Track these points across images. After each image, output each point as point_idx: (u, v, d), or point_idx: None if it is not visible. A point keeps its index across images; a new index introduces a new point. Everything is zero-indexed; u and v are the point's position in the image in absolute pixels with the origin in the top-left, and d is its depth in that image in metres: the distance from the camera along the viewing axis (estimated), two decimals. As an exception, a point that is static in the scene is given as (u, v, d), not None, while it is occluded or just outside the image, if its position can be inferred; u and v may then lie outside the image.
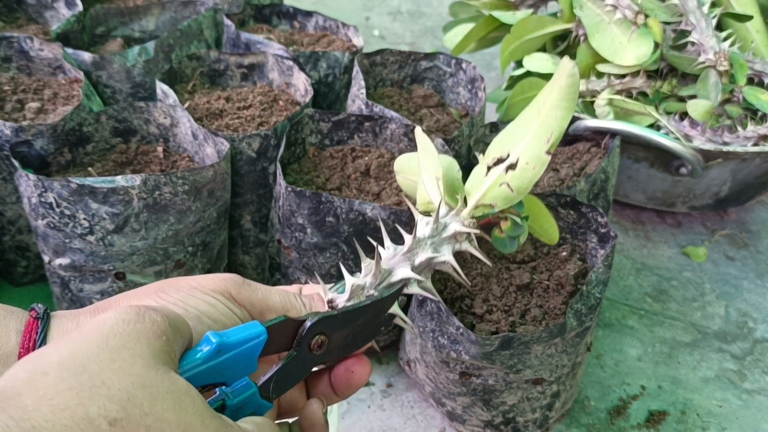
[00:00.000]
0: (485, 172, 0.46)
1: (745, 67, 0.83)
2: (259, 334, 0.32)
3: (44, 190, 0.57)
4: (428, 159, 0.49)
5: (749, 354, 0.78)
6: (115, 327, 0.28)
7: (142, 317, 0.29)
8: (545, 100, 0.45)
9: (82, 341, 0.27)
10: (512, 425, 0.62)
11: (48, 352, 0.27)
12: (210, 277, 0.36)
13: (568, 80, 0.44)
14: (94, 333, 0.27)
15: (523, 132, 0.45)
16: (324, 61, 0.83)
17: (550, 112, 0.44)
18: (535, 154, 0.44)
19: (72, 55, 0.76)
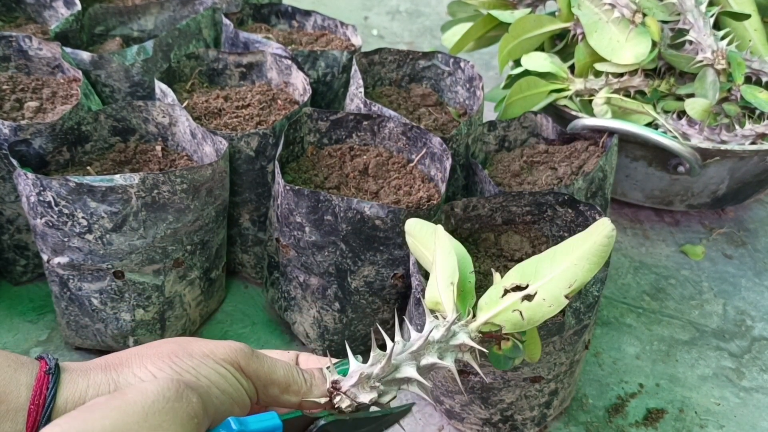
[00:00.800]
0: (501, 293, 0.47)
1: (742, 65, 0.84)
2: (276, 428, 0.34)
3: (43, 189, 0.57)
4: (446, 261, 0.49)
5: (747, 352, 0.78)
6: (156, 403, 0.30)
7: (180, 396, 0.31)
8: (578, 248, 0.46)
9: (125, 413, 0.29)
10: (510, 423, 0.63)
11: (92, 418, 0.28)
12: (221, 346, 0.37)
13: (604, 240, 0.46)
14: (136, 406, 0.29)
15: (549, 269, 0.46)
16: (322, 60, 0.83)
17: (579, 262, 0.45)
18: (554, 295, 0.45)
19: (71, 55, 0.76)
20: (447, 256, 0.49)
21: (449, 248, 0.50)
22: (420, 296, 0.58)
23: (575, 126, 0.78)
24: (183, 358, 0.35)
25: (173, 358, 0.35)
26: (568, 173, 0.73)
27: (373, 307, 0.67)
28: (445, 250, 0.50)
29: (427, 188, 0.67)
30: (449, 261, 0.49)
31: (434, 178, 0.68)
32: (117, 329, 0.65)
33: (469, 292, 0.50)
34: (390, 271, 0.64)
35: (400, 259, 0.64)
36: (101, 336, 0.66)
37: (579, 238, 0.47)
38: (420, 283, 0.57)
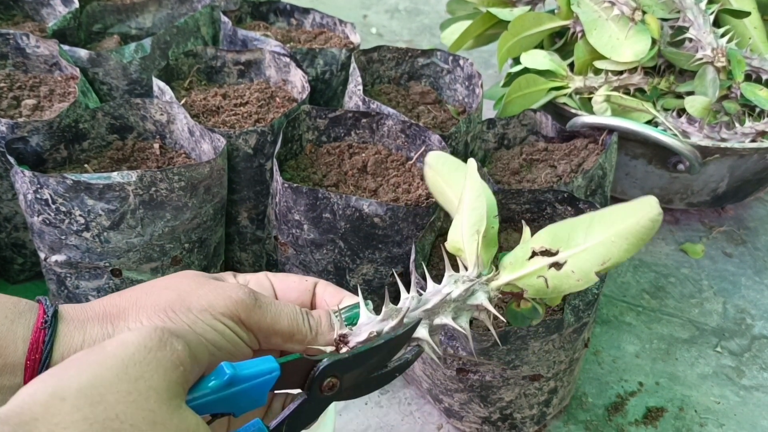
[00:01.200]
0: (529, 254, 0.44)
1: (742, 63, 0.83)
2: (272, 370, 0.32)
3: (40, 187, 0.57)
4: (475, 205, 0.45)
5: (747, 350, 0.78)
6: (136, 354, 0.28)
7: (163, 345, 0.29)
8: (618, 223, 0.42)
9: (103, 367, 0.27)
10: (509, 421, 0.62)
11: (68, 375, 0.27)
12: (222, 297, 0.35)
13: (647, 223, 0.42)
14: (115, 359, 0.28)
15: (583, 238, 0.43)
16: (321, 58, 0.83)
17: (617, 239, 0.42)
18: (584, 269, 0.42)
19: (68, 52, 0.76)
20: (476, 200, 0.45)
21: (479, 190, 0.46)
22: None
23: (575, 124, 0.78)
24: (179, 313, 0.34)
25: (169, 312, 0.34)
26: (568, 171, 0.73)
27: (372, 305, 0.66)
28: (475, 192, 0.46)
29: (426, 186, 0.66)
30: (478, 206, 0.45)
31: (433, 175, 0.68)
32: (115, 328, 0.65)
33: (492, 240, 0.46)
34: (389, 269, 0.64)
35: (398, 257, 0.63)
36: (99, 334, 0.66)
37: (621, 211, 0.43)
38: (419, 281, 0.57)
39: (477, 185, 0.46)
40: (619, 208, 0.42)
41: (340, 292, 0.42)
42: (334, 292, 0.41)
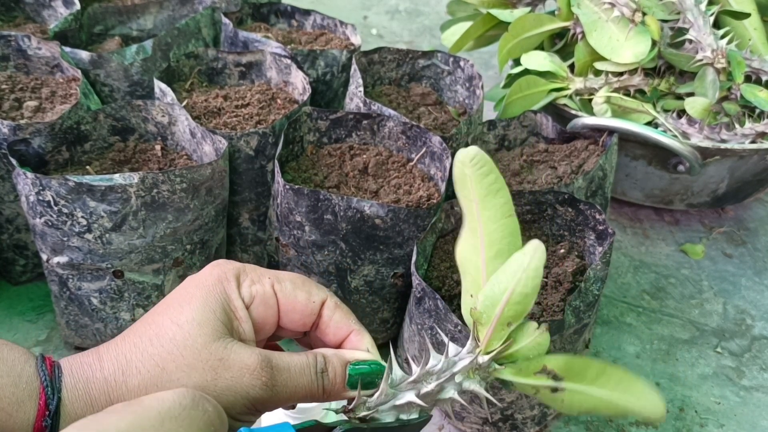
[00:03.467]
0: (539, 368, 0.42)
1: (742, 64, 0.84)
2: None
3: (42, 189, 0.57)
4: (518, 299, 0.39)
5: (747, 351, 0.78)
6: (172, 410, 0.30)
7: (197, 405, 0.31)
8: (621, 395, 0.41)
9: (142, 417, 0.29)
10: (510, 422, 0.62)
11: (109, 421, 0.28)
12: (240, 396, 0.36)
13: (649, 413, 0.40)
14: (152, 411, 0.29)
15: (589, 381, 0.41)
16: (322, 59, 0.83)
17: (610, 406, 0.41)
18: (572, 405, 0.41)
19: (70, 54, 0.76)
20: (524, 290, 0.38)
21: (535, 283, 0.38)
22: (421, 295, 0.58)
23: (575, 125, 0.78)
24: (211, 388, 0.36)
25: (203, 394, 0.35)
26: (568, 172, 0.73)
27: (373, 306, 0.67)
28: (530, 284, 0.38)
29: (427, 187, 0.67)
30: (522, 300, 0.39)
31: (434, 177, 0.68)
32: (117, 329, 0.65)
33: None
34: (390, 271, 0.64)
35: (400, 259, 0.63)
36: (101, 335, 0.66)
37: (631, 389, 0.41)
38: (420, 282, 0.57)
39: (534, 273, 0.38)
40: (631, 386, 0.41)
41: (348, 322, 0.42)
42: (340, 320, 0.42)
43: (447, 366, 0.42)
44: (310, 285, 0.41)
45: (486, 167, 0.40)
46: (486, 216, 0.41)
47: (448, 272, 0.62)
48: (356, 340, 0.42)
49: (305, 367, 0.39)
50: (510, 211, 0.41)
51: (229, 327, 0.38)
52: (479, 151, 0.40)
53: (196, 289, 0.38)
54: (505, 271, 0.39)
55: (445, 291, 0.61)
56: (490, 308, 0.40)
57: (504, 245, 0.41)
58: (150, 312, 0.39)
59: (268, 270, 0.41)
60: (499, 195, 0.41)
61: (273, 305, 0.40)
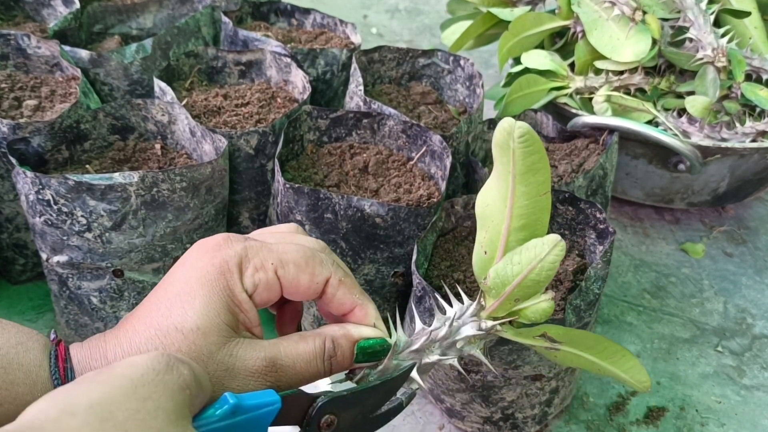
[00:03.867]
0: (540, 333, 0.45)
1: (743, 63, 0.83)
2: (274, 402, 0.34)
3: (42, 188, 0.57)
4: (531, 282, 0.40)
5: (748, 350, 0.78)
6: (145, 375, 0.29)
7: (170, 368, 0.30)
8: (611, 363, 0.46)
9: (113, 386, 0.28)
10: (511, 421, 0.62)
11: (78, 392, 0.27)
12: (248, 370, 0.37)
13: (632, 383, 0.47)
14: (124, 379, 0.28)
15: (585, 349, 0.46)
16: (322, 58, 0.83)
17: (601, 368, 0.46)
18: (565, 360, 0.46)
19: (69, 53, 0.76)
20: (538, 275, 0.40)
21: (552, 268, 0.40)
22: (421, 294, 0.58)
23: (575, 124, 0.78)
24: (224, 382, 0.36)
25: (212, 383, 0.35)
26: (569, 171, 0.73)
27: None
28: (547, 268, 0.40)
29: (428, 186, 0.66)
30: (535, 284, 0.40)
31: (434, 176, 0.68)
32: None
33: None
34: (390, 269, 0.64)
35: (400, 257, 0.63)
36: (101, 335, 0.66)
37: (621, 361, 0.45)
38: (420, 281, 0.57)
39: (550, 266, 0.40)
40: (624, 359, 0.45)
41: (351, 297, 0.42)
42: (343, 296, 0.41)
43: (450, 333, 0.42)
44: (314, 264, 0.40)
45: (533, 147, 0.40)
46: (521, 191, 0.41)
47: (448, 271, 0.62)
48: (361, 314, 0.42)
49: (312, 358, 0.39)
50: (546, 189, 0.42)
51: (234, 324, 0.38)
52: (529, 129, 0.40)
53: (199, 287, 0.37)
54: (521, 254, 0.40)
55: (445, 289, 0.61)
56: (500, 286, 0.41)
57: (531, 221, 0.42)
58: (151, 306, 0.38)
59: (271, 249, 0.40)
60: (540, 174, 0.41)
61: (276, 290, 0.40)
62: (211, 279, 0.37)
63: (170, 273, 0.39)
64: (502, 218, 0.42)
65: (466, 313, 0.44)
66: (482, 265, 0.43)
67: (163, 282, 0.39)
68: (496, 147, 0.40)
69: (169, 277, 0.39)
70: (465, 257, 0.64)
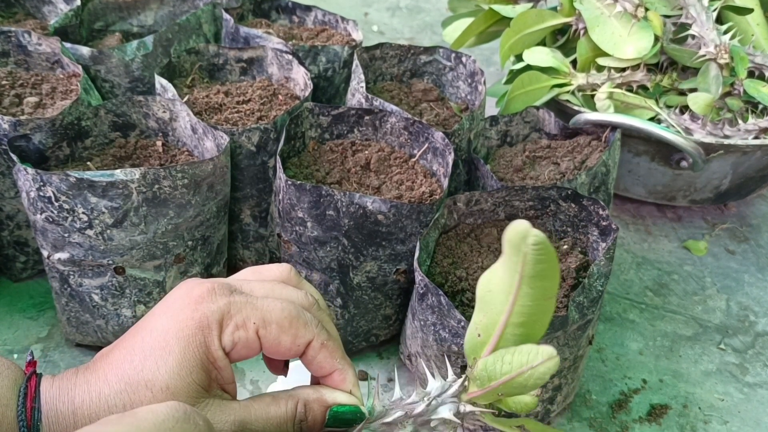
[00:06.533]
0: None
1: (745, 60, 0.83)
2: None
3: (43, 184, 0.57)
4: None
5: (751, 347, 0.77)
6: (165, 422, 0.30)
7: (188, 418, 0.31)
8: None
9: (137, 429, 0.29)
10: (514, 419, 0.62)
11: (106, 431, 0.29)
12: None
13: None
14: (147, 422, 0.30)
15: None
16: (323, 55, 0.82)
17: None
18: None
19: (70, 50, 0.76)
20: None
21: None
22: (423, 291, 0.57)
23: (578, 121, 0.78)
24: None
25: None
26: (571, 168, 0.73)
27: (375, 302, 0.66)
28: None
29: (430, 183, 0.66)
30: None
31: (436, 173, 0.68)
32: (118, 325, 0.65)
33: None
34: (392, 267, 0.64)
35: (402, 255, 0.63)
36: (102, 332, 0.66)
37: None
38: (423, 278, 0.57)
39: (539, 377, 0.39)
40: None
41: (332, 361, 0.41)
42: (323, 360, 0.41)
43: (427, 411, 0.42)
44: (298, 325, 0.39)
45: (545, 256, 0.39)
46: (526, 292, 0.40)
47: (450, 268, 0.62)
48: (339, 379, 0.41)
49: (283, 422, 0.39)
50: (552, 293, 0.41)
51: (206, 384, 0.37)
52: (544, 239, 0.38)
53: (175, 342, 0.36)
54: (513, 356, 0.40)
55: (447, 287, 0.61)
56: (486, 379, 0.41)
57: (531, 320, 0.41)
58: (124, 356, 0.37)
59: (256, 307, 0.39)
60: (547, 280, 0.40)
61: (255, 348, 0.39)
62: (188, 334, 0.37)
63: (151, 317, 0.39)
64: (502, 310, 0.41)
65: (448, 392, 0.43)
66: (474, 346, 0.43)
67: (143, 326, 0.38)
68: (507, 243, 0.39)
69: (149, 322, 0.38)
70: (467, 254, 0.64)
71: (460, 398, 0.42)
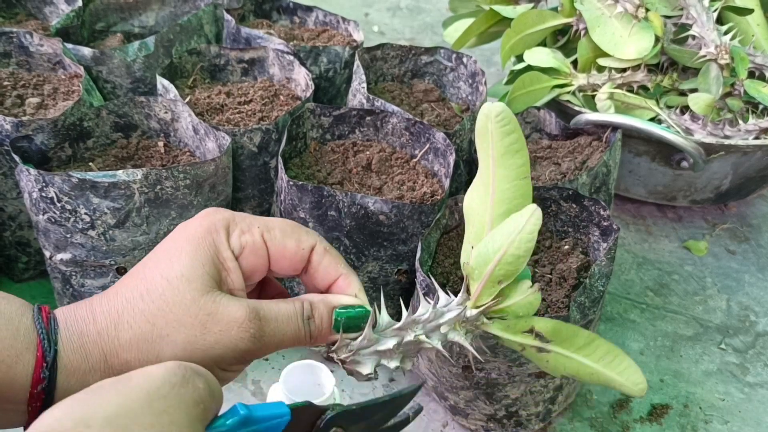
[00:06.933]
0: (528, 328, 0.45)
1: (746, 60, 0.83)
2: (284, 414, 0.34)
3: (45, 185, 0.57)
4: (510, 259, 0.40)
5: (751, 347, 0.78)
6: (161, 389, 0.29)
7: (186, 382, 0.31)
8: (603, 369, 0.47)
9: (129, 398, 0.28)
10: (515, 419, 0.62)
11: (95, 403, 0.28)
12: (230, 349, 0.37)
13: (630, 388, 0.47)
14: (140, 391, 0.29)
15: (576, 350, 0.46)
16: (324, 55, 0.83)
17: (594, 372, 0.46)
18: (557, 368, 0.46)
19: (72, 51, 0.76)
20: (518, 251, 0.40)
21: (530, 239, 0.40)
22: (425, 291, 0.58)
23: (578, 121, 0.78)
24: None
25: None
26: (572, 168, 0.73)
27: (377, 303, 0.66)
28: (525, 240, 0.40)
29: (431, 183, 0.66)
30: (514, 261, 0.40)
31: (438, 173, 0.68)
32: (120, 326, 0.65)
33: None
34: (394, 267, 0.64)
35: (404, 255, 0.63)
36: (104, 333, 0.66)
37: (613, 363, 0.46)
38: (424, 278, 0.57)
39: (528, 236, 0.40)
40: (617, 360, 0.46)
41: (336, 266, 0.42)
42: (329, 265, 0.42)
43: (434, 316, 0.43)
44: (300, 231, 0.42)
45: (510, 125, 0.40)
46: (501, 174, 0.41)
47: (452, 268, 0.62)
48: (344, 284, 0.43)
49: (292, 315, 0.39)
50: (526, 173, 0.42)
51: (218, 279, 0.38)
52: (505, 108, 0.40)
53: (186, 242, 0.38)
54: (501, 231, 0.41)
55: (449, 287, 0.61)
56: (482, 265, 0.41)
57: (513, 205, 0.42)
58: (141, 263, 0.39)
59: (258, 218, 0.41)
60: (518, 155, 0.41)
61: (263, 254, 0.40)
62: (198, 237, 0.38)
63: (161, 241, 0.41)
64: (486, 207, 0.42)
65: (453, 302, 0.44)
66: (468, 258, 0.44)
67: (155, 248, 0.40)
68: (477, 135, 0.41)
69: (159, 244, 0.40)
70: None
71: (466, 306, 0.43)
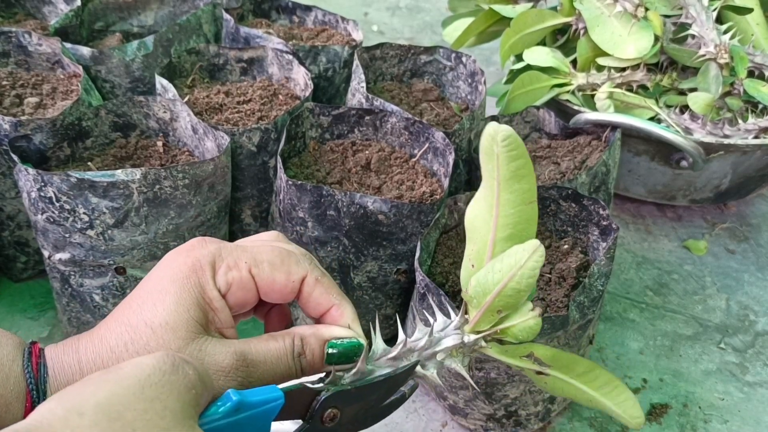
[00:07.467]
0: (527, 353, 0.45)
1: (745, 59, 0.83)
2: (277, 398, 0.34)
3: (44, 185, 0.57)
4: (513, 290, 0.39)
5: (751, 347, 0.78)
6: (152, 376, 0.29)
7: (176, 369, 0.30)
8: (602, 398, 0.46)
9: (121, 386, 0.28)
10: (514, 418, 0.62)
11: (86, 392, 0.28)
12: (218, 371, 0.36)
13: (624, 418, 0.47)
14: (131, 379, 0.29)
15: (575, 377, 0.45)
16: (323, 55, 0.82)
17: (593, 399, 0.45)
18: (555, 389, 0.45)
19: (70, 50, 0.76)
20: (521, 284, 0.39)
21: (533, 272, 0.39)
22: (424, 291, 0.57)
23: (578, 120, 0.78)
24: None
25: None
26: (571, 168, 0.73)
27: (376, 302, 0.66)
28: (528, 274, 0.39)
29: (430, 183, 0.66)
30: (516, 294, 0.39)
31: (437, 173, 0.68)
32: (119, 326, 0.65)
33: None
34: (393, 267, 0.64)
35: (403, 254, 0.63)
36: (103, 332, 0.66)
37: (612, 394, 0.45)
38: (423, 278, 0.57)
39: (530, 272, 0.39)
40: (616, 391, 0.45)
41: (328, 297, 0.41)
42: (320, 296, 0.41)
43: (430, 344, 0.41)
44: (290, 262, 0.40)
45: (517, 151, 0.39)
46: (505, 198, 0.41)
47: (451, 268, 0.62)
48: (337, 314, 0.41)
49: (282, 354, 0.38)
50: (532, 198, 0.41)
51: (204, 322, 0.37)
52: (512, 133, 0.39)
53: (170, 284, 0.37)
54: (502, 262, 0.40)
55: (448, 287, 0.61)
56: (481, 295, 0.41)
57: (517, 231, 0.41)
58: (125, 304, 0.38)
59: (246, 249, 0.39)
60: (525, 181, 0.40)
61: (251, 288, 0.39)
62: (182, 276, 0.37)
63: (147, 275, 0.39)
64: (488, 229, 0.41)
65: (450, 326, 0.43)
66: (468, 277, 0.43)
67: (140, 283, 0.39)
68: (482, 153, 0.40)
69: (144, 278, 0.39)
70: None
71: (463, 330, 0.42)
